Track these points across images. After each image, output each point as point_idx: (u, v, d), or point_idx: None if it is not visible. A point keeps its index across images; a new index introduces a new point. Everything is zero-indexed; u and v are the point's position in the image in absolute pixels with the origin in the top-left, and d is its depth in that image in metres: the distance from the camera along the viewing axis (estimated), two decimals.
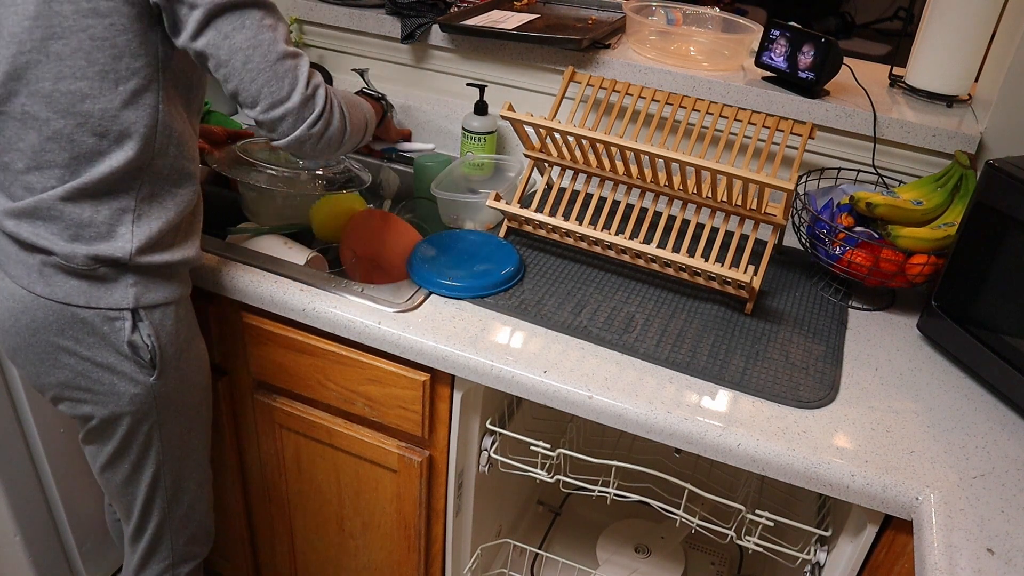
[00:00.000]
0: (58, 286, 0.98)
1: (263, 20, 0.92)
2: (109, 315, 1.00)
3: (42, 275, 0.98)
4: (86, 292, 0.99)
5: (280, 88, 0.93)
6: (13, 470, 1.45)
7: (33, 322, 1.00)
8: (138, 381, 1.04)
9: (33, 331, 1.01)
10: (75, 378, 1.03)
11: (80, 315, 0.99)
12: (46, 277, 0.98)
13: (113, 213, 0.98)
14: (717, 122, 1.34)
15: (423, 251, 1.24)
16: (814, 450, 0.96)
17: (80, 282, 0.98)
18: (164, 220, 1.02)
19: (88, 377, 1.03)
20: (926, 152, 1.36)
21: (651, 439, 1.02)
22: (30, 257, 0.98)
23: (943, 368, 1.15)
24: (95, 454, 1.13)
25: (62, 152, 0.94)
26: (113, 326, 1.00)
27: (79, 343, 1.01)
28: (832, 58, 1.34)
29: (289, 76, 0.93)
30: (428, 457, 1.23)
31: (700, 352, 1.12)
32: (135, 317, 1.01)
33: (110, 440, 1.09)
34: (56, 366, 1.02)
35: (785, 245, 1.42)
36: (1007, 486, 0.94)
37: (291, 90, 0.93)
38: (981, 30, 1.32)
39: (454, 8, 1.64)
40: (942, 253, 1.16)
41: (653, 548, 1.68)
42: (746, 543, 1.15)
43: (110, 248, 0.97)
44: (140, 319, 1.02)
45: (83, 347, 1.01)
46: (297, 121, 0.95)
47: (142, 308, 1.01)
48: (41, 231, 0.96)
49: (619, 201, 1.50)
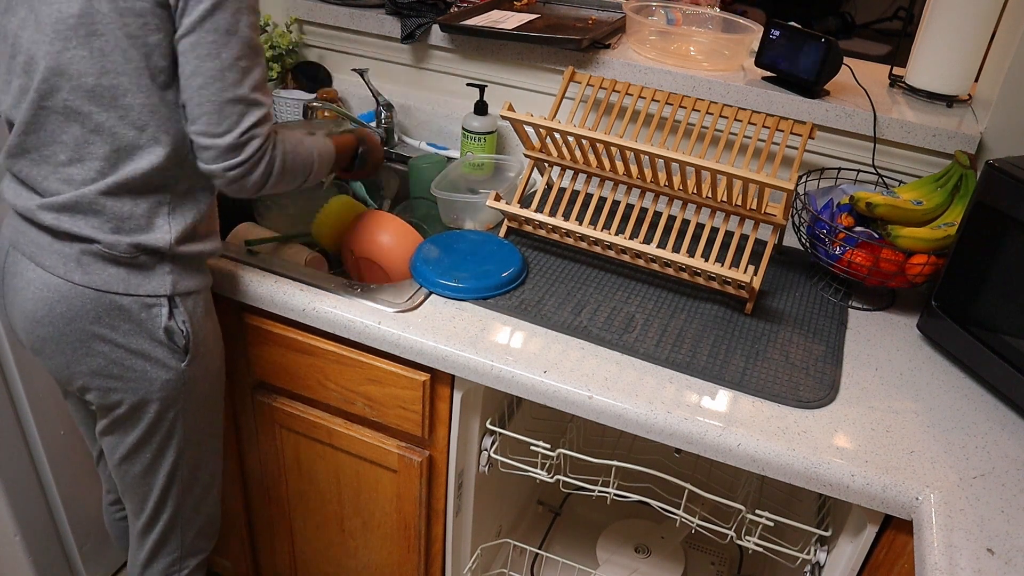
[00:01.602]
0: (96, 274, 1.01)
1: (239, 59, 0.94)
2: (147, 302, 1.03)
3: (80, 264, 1.01)
4: (125, 279, 1.02)
5: (217, 124, 0.96)
6: (13, 470, 1.45)
7: (69, 310, 1.02)
8: (170, 367, 1.07)
9: (68, 320, 1.02)
10: (108, 366, 1.05)
11: (119, 302, 1.02)
12: (84, 266, 1.01)
13: (151, 206, 1.01)
14: (717, 122, 1.34)
15: (426, 252, 1.24)
16: (814, 450, 0.96)
17: (119, 269, 1.02)
18: (197, 212, 1.06)
19: (121, 364, 1.05)
20: (926, 152, 1.36)
21: (651, 439, 1.02)
22: (67, 247, 1.01)
23: (943, 368, 1.15)
24: (116, 444, 1.14)
25: (104, 144, 0.97)
26: (150, 312, 1.04)
27: (115, 330, 1.03)
28: (832, 58, 1.34)
29: (231, 119, 0.96)
30: (428, 457, 1.23)
31: (700, 352, 1.12)
32: (171, 304, 1.05)
33: (135, 428, 1.11)
34: (89, 354, 1.04)
35: (785, 245, 1.42)
36: (1007, 486, 0.94)
37: (226, 131, 0.96)
38: (981, 30, 1.32)
39: (454, 8, 1.64)
40: (942, 253, 1.16)
41: (653, 548, 1.68)
42: (746, 543, 1.15)
43: (151, 238, 1.01)
44: (176, 305, 1.05)
45: (119, 334, 1.04)
46: (218, 158, 0.97)
47: (178, 295, 1.05)
48: (82, 224, 1.00)
49: (619, 201, 1.50)
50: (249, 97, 0.96)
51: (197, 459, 1.19)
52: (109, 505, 1.41)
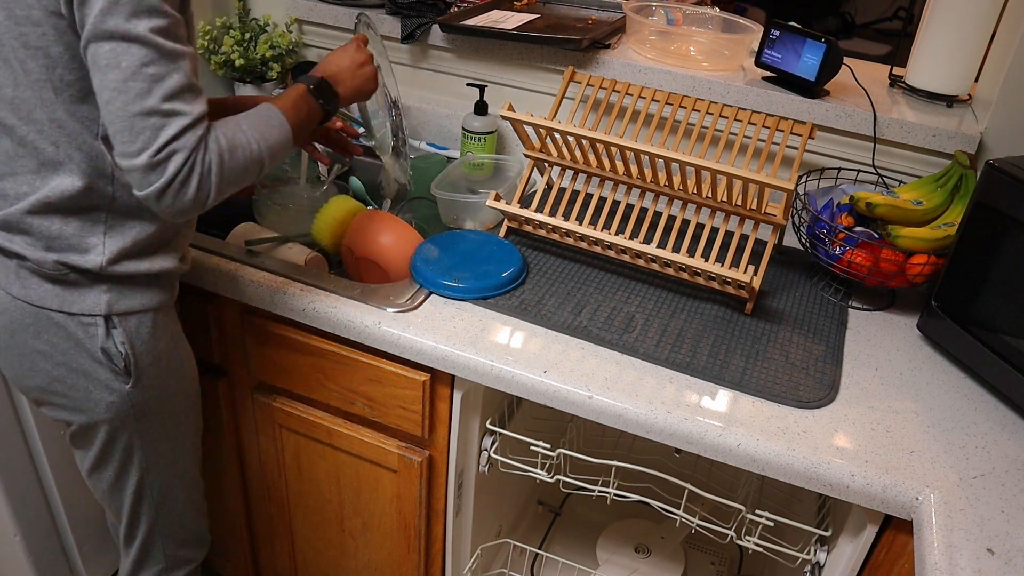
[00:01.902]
0: (32, 289, 0.97)
1: (144, 67, 0.83)
2: (83, 320, 0.98)
3: (18, 277, 0.97)
4: (59, 296, 0.97)
5: (131, 143, 0.84)
6: (13, 470, 1.45)
7: (11, 323, 0.99)
8: (113, 388, 1.02)
9: (11, 332, 1.00)
10: (51, 383, 1.02)
11: (55, 319, 0.98)
12: (22, 279, 0.97)
13: (83, 225, 0.96)
14: (717, 122, 1.34)
15: (426, 252, 1.24)
16: (814, 450, 0.96)
17: (54, 286, 0.97)
18: (139, 231, 0.99)
19: (64, 382, 1.02)
20: (926, 152, 1.36)
21: (651, 439, 1.02)
22: (6, 260, 0.98)
23: (943, 368, 1.15)
24: (80, 458, 1.12)
25: (30, 159, 0.93)
26: (87, 331, 0.99)
27: (54, 348, 1.00)
28: (832, 58, 1.34)
29: (144, 134, 0.84)
30: (428, 457, 1.23)
31: (700, 352, 1.12)
32: (108, 323, 0.99)
33: (91, 447, 1.08)
34: (33, 369, 1.01)
35: (785, 245, 1.42)
36: (1007, 486, 0.94)
37: (141, 149, 0.84)
38: (981, 30, 1.32)
39: (454, 8, 1.64)
40: (942, 253, 1.16)
41: (653, 548, 1.68)
42: (746, 543, 1.15)
43: (81, 259, 0.96)
44: (114, 326, 0.99)
45: (58, 352, 1.00)
46: (142, 182, 0.86)
47: (115, 315, 0.99)
48: (14, 240, 0.96)
49: (619, 201, 1.50)
50: (161, 108, 0.84)
51: (166, 478, 1.15)
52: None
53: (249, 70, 1.67)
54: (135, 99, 0.83)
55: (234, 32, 1.63)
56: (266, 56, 1.66)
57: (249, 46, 1.65)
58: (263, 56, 1.66)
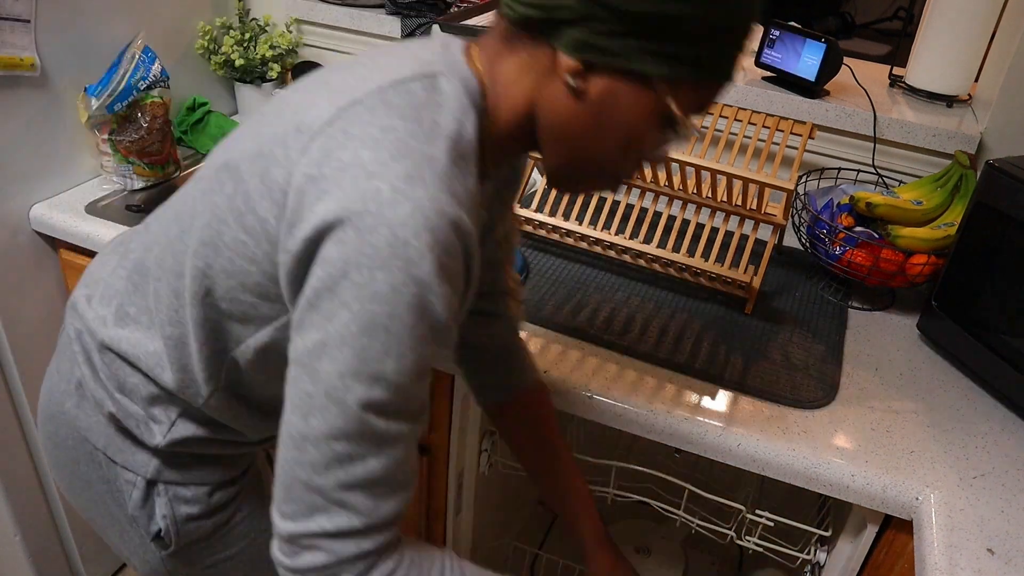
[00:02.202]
0: (85, 414, 0.83)
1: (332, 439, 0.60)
2: (123, 474, 0.83)
3: (78, 392, 0.84)
4: (107, 436, 0.82)
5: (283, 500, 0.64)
6: (13, 470, 1.45)
7: (56, 434, 0.86)
8: (148, 549, 0.85)
9: (56, 443, 0.87)
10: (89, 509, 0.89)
11: (96, 457, 0.83)
12: (81, 397, 0.84)
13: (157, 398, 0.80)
14: (717, 122, 1.34)
15: None
16: (814, 450, 0.96)
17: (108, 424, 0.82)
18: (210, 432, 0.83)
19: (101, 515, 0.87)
20: (926, 152, 1.36)
21: (651, 439, 1.02)
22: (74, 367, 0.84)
23: (943, 368, 1.15)
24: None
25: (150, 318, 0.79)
26: (124, 488, 0.83)
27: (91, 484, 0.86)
28: (832, 58, 1.34)
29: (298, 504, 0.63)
30: (428, 457, 1.23)
31: (700, 352, 1.12)
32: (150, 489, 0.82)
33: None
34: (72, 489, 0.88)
35: (785, 245, 1.42)
36: (1007, 486, 0.94)
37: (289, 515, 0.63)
38: (981, 30, 1.32)
39: (454, 8, 1.64)
40: (942, 253, 1.16)
41: (653, 548, 1.68)
42: (746, 543, 1.15)
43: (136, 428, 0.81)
44: (158, 494, 0.82)
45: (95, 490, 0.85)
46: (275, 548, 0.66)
47: (162, 482, 0.82)
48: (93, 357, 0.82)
49: (619, 201, 1.50)
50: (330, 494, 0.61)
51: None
52: None
53: (249, 70, 1.67)
54: (306, 465, 0.62)
55: (234, 32, 1.63)
56: (266, 56, 1.66)
57: (249, 46, 1.65)
58: (263, 56, 1.66)
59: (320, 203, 0.59)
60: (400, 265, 0.57)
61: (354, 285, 0.57)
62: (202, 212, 0.70)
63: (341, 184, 0.59)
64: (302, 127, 0.63)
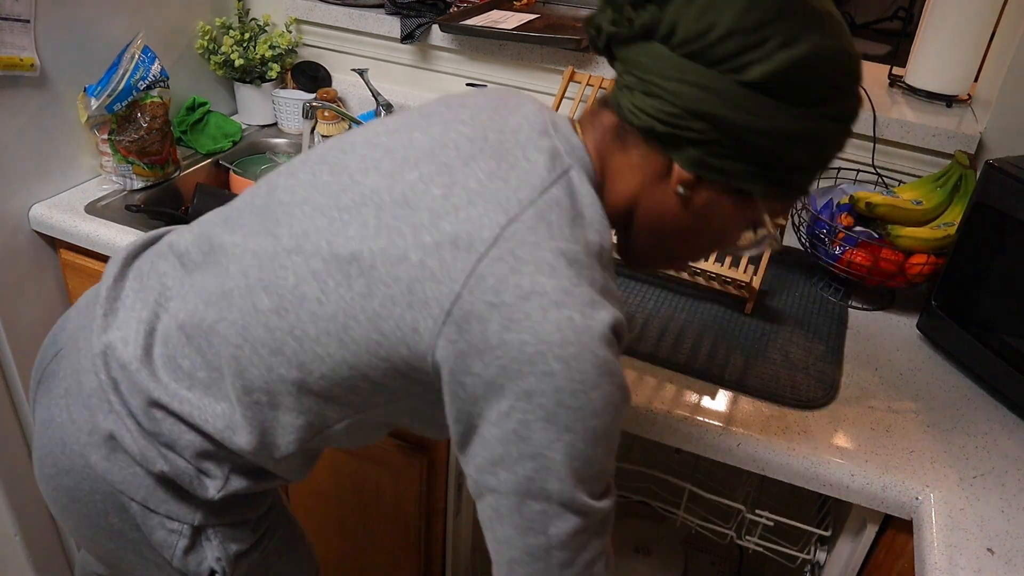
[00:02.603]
0: (118, 468, 0.78)
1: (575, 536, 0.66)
2: (166, 523, 0.80)
3: (106, 443, 0.78)
4: (146, 487, 0.79)
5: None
6: (13, 470, 1.45)
7: (76, 488, 0.81)
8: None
9: (72, 499, 0.82)
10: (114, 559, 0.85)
11: (131, 508, 0.80)
12: (110, 449, 0.78)
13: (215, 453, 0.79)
14: None
15: None
16: (814, 450, 0.96)
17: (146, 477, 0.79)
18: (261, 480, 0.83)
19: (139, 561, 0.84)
20: (926, 152, 1.36)
21: (651, 439, 1.02)
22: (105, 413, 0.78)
23: (943, 368, 1.15)
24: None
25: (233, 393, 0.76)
26: (166, 539, 0.80)
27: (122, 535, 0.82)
28: None
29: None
30: (428, 457, 1.23)
31: (700, 352, 1.12)
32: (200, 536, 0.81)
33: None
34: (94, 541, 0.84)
35: (785, 245, 1.42)
36: (1007, 486, 0.94)
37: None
38: (981, 30, 1.32)
39: (454, 8, 1.64)
40: (942, 253, 1.16)
41: (653, 548, 1.68)
42: (746, 543, 1.15)
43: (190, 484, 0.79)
44: (207, 538, 0.81)
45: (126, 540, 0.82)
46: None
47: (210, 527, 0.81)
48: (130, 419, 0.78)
49: None
50: None
51: None
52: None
53: (249, 70, 1.67)
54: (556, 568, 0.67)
55: (234, 32, 1.63)
56: (266, 56, 1.66)
57: (249, 46, 1.65)
58: (263, 56, 1.66)
59: (510, 333, 0.61)
60: (608, 380, 0.63)
61: (571, 410, 0.62)
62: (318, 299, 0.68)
63: (530, 315, 0.62)
64: (459, 242, 0.64)
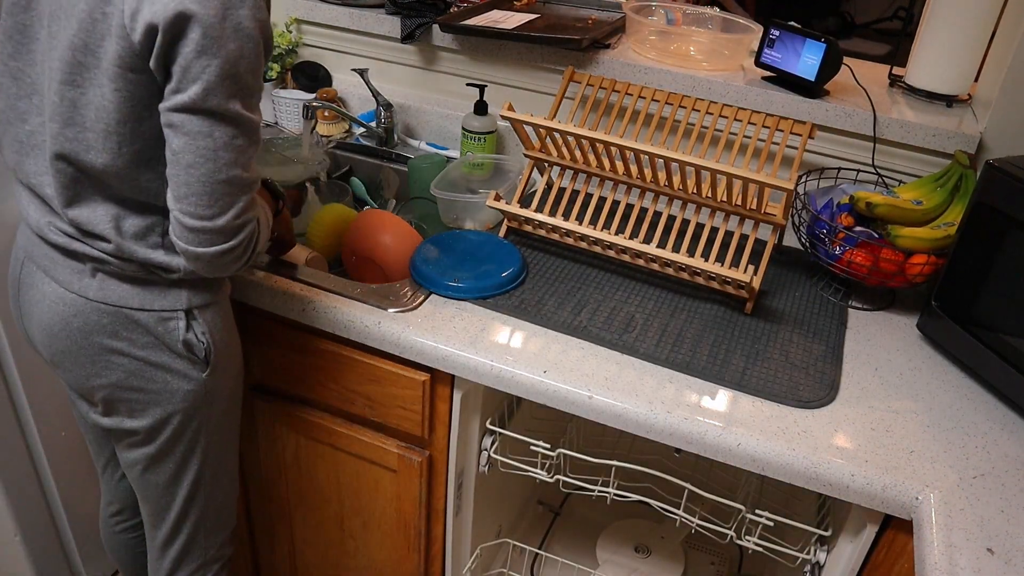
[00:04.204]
0: (111, 290, 0.99)
1: (233, 139, 0.89)
2: (163, 316, 1.01)
3: (94, 279, 0.99)
4: (140, 295, 1.00)
5: (208, 207, 0.90)
6: (13, 470, 1.45)
7: (86, 325, 1.00)
8: (192, 378, 1.05)
9: (86, 334, 1.01)
10: (128, 378, 1.04)
11: (135, 316, 1.00)
12: (99, 281, 0.99)
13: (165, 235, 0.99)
14: (717, 122, 1.34)
15: (426, 252, 1.24)
16: (814, 450, 0.96)
17: (133, 286, 0.99)
18: None
19: (142, 376, 1.04)
20: (926, 152, 1.36)
21: (651, 439, 1.02)
22: (79, 264, 0.99)
23: (943, 368, 1.15)
24: (139, 456, 1.12)
25: None
26: (167, 326, 1.02)
27: (133, 344, 1.02)
28: (832, 58, 1.34)
29: (222, 201, 0.90)
30: (428, 457, 1.23)
31: (700, 352, 1.12)
32: (189, 316, 1.03)
33: (158, 438, 1.09)
34: (109, 367, 1.03)
35: (785, 245, 1.42)
36: (1007, 486, 0.94)
37: (218, 213, 0.90)
38: (981, 30, 1.32)
39: (454, 8, 1.64)
40: (942, 253, 1.16)
41: (653, 548, 1.68)
42: (746, 543, 1.15)
43: (167, 259, 0.98)
44: (194, 318, 1.03)
45: (138, 347, 1.02)
46: (208, 243, 0.91)
47: (195, 308, 1.03)
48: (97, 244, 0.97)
49: (619, 201, 1.50)
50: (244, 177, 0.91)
51: (219, 465, 1.17)
52: (109, 517, 1.38)
53: None
54: (223, 168, 0.88)
55: None
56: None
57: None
58: None
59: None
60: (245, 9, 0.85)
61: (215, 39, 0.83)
62: None
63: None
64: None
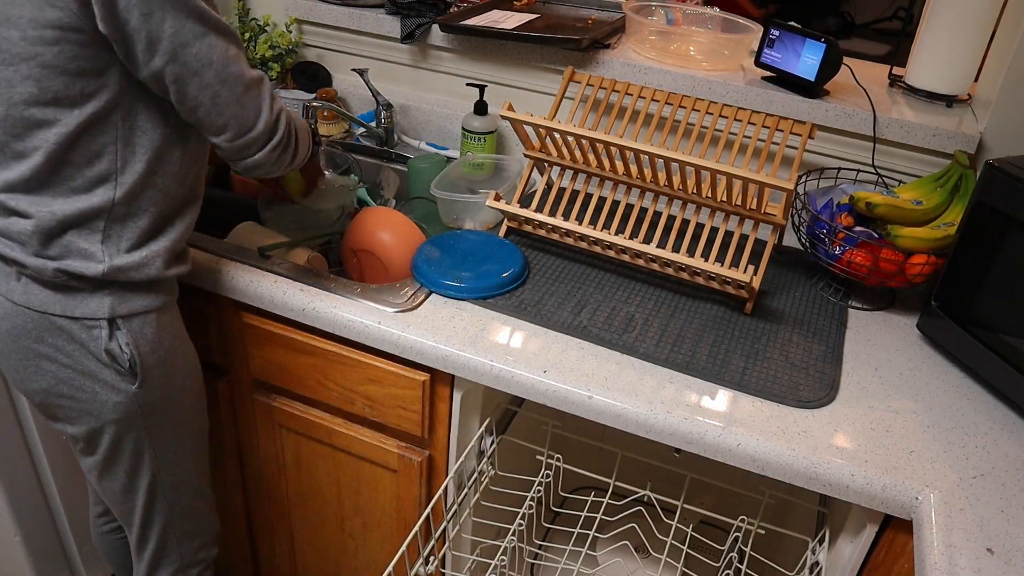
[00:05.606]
0: (34, 295, 0.98)
1: (228, 51, 0.91)
2: (86, 324, 0.99)
3: (20, 283, 0.98)
4: (61, 302, 0.98)
5: (247, 118, 0.95)
6: (13, 470, 1.45)
7: (14, 328, 1.00)
8: (120, 389, 1.03)
9: (14, 337, 1.00)
10: (57, 384, 1.02)
11: (58, 323, 0.99)
12: (23, 285, 0.98)
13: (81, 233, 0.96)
14: (717, 122, 1.34)
15: (427, 252, 1.24)
16: (814, 450, 0.96)
17: (55, 293, 0.98)
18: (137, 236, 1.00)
19: (71, 384, 1.02)
20: (926, 152, 1.36)
21: (651, 439, 1.02)
22: (6, 266, 0.99)
23: (943, 368, 1.15)
24: (90, 466, 1.12)
25: None
26: (91, 334, 1.00)
27: (59, 351, 1.00)
28: (832, 58, 1.34)
29: (253, 104, 0.95)
30: (428, 457, 1.23)
31: (700, 352, 1.12)
32: (112, 326, 1.00)
33: (99, 448, 1.08)
34: (39, 372, 1.02)
35: (785, 245, 1.42)
36: (1007, 486, 0.94)
37: (256, 118, 0.96)
38: (981, 30, 1.32)
39: (454, 8, 1.64)
40: (942, 253, 1.16)
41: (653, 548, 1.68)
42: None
43: (81, 266, 0.97)
44: (117, 327, 1.00)
45: (63, 354, 1.01)
46: (259, 147, 0.98)
47: (119, 317, 1.00)
48: (14, 247, 0.97)
49: (619, 201, 1.50)
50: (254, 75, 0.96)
51: (178, 476, 1.16)
52: (96, 518, 1.40)
53: None
54: (238, 80, 0.93)
55: None
56: (266, 56, 1.66)
57: (249, 46, 1.66)
58: (263, 56, 1.66)
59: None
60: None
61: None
62: None
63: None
64: None
